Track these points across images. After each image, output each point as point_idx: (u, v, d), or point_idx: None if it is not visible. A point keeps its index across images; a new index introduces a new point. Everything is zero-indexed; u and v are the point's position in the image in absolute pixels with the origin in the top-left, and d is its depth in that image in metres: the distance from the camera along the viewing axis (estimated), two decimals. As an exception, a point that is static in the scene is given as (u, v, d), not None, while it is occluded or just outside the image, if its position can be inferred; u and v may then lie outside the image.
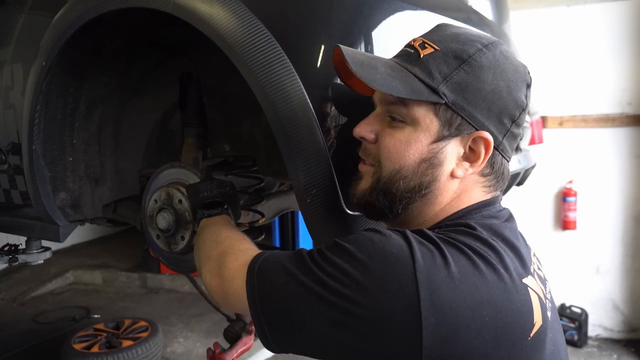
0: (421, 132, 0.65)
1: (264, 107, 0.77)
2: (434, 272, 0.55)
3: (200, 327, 3.42)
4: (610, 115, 3.13)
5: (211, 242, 0.80)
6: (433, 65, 0.65)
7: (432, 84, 0.64)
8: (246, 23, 0.77)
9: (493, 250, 0.60)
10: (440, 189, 0.67)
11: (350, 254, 0.58)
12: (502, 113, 0.66)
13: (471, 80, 0.64)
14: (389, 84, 0.63)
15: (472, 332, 0.54)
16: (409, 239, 0.58)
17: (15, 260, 1.55)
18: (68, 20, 0.97)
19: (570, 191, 3.21)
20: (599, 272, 3.27)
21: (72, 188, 1.22)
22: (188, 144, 1.16)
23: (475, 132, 0.65)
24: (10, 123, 1.19)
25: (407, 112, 0.66)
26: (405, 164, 0.66)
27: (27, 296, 4.02)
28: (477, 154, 0.66)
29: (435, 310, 0.53)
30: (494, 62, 0.65)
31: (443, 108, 0.64)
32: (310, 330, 0.58)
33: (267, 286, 0.63)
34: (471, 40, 0.67)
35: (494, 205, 0.69)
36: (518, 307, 0.58)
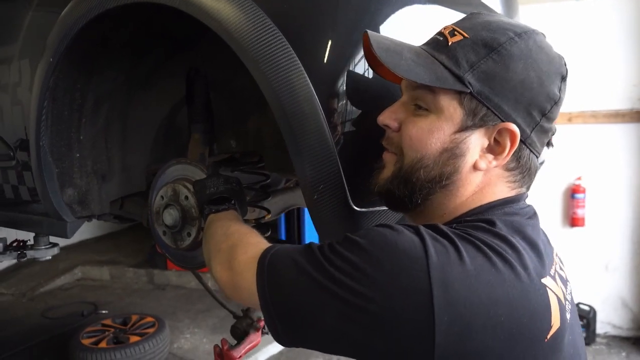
0: (444, 121, 0.64)
1: (271, 102, 0.76)
2: (448, 269, 0.53)
3: (206, 323, 3.44)
4: (621, 111, 3.09)
5: (221, 235, 0.80)
6: (460, 53, 0.63)
7: (458, 72, 0.62)
8: (253, 18, 0.77)
9: (512, 248, 0.58)
10: (462, 181, 0.65)
11: (362, 249, 0.57)
12: (532, 105, 0.63)
13: (499, 69, 0.62)
14: (412, 70, 0.62)
15: (487, 330, 0.53)
16: (422, 234, 0.56)
17: (24, 256, 1.56)
18: (75, 15, 0.97)
19: (579, 188, 3.18)
20: (607, 270, 3.24)
21: (80, 184, 1.22)
22: (195, 139, 1.16)
23: (500, 123, 0.63)
24: (18, 119, 1.19)
25: (433, 99, 0.64)
26: (426, 152, 0.64)
27: (36, 291, 4.07)
28: (502, 147, 0.63)
29: (448, 308, 0.52)
30: (526, 52, 0.63)
31: (468, 97, 0.62)
32: (321, 324, 0.58)
33: (277, 280, 0.62)
34: (503, 29, 0.64)
35: (517, 203, 0.67)
36: (535, 308, 0.56)
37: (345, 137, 0.78)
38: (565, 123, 3.18)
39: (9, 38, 1.18)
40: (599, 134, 3.15)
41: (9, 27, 1.18)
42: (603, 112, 3.12)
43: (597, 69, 3.12)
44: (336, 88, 0.77)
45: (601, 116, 3.12)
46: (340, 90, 0.78)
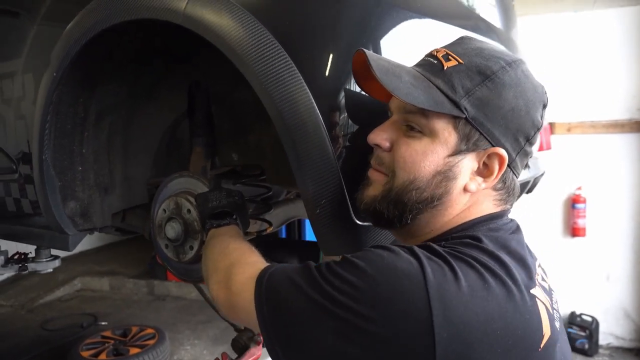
0: (439, 144, 0.65)
1: (273, 116, 0.77)
2: (445, 287, 0.55)
3: (207, 335, 3.42)
4: (620, 121, 3.11)
5: (219, 254, 0.80)
6: (456, 78, 0.65)
7: (454, 97, 0.64)
8: (254, 33, 0.78)
9: (500, 263, 0.60)
10: (451, 202, 0.67)
11: (360, 269, 0.57)
12: (519, 132, 0.66)
13: (493, 97, 0.64)
14: (412, 93, 0.63)
15: (485, 346, 0.54)
16: (417, 255, 0.58)
17: (25, 268, 1.56)
18: (79, 31, 0.98)
19: (579, 198, 3.19)
20: (609, 280, 3.24)
21: (82, 197, 1.22)
22: (196, 153, 1.16)
23: (491, 148, 0.65)
24: (21, 133, 1.20)
25: (427, 123, 0.65)
26: (419, 174, 0.66)
27: (35, 303, 4.04)
28: (491, 170, 0.66)
29: (448, 326, 0.53)
30: (515, 81, 0.66)
31: (463, 122, 0.65)
32: (319, 345, 0.58)
33: (275, 300, 0.62)
34: (495, 57, 0.67)
35: (501, 218, 0.69)
36: (527, 319, 0.58)
37: (347, 151, 0.78)
38: (565, 133, 3.20)
39: (13, 52, 1.19)
40: (598, 144, 3.17)
41: (13, 42, 1.20)
42: (602, 123, 3.14)
43: (595, 79, 3.14)
44: (338, 102, 0.78)
45: (600, 126, 3.14)
46: (342, 104, 0.78)
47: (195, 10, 0.82)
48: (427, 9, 0.93)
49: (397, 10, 0.86)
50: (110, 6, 0.94)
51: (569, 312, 3.28)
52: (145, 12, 0.88)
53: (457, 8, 1.07)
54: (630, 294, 3.22)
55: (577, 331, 3.21)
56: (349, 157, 0.78)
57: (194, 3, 0.82)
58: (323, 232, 0.77)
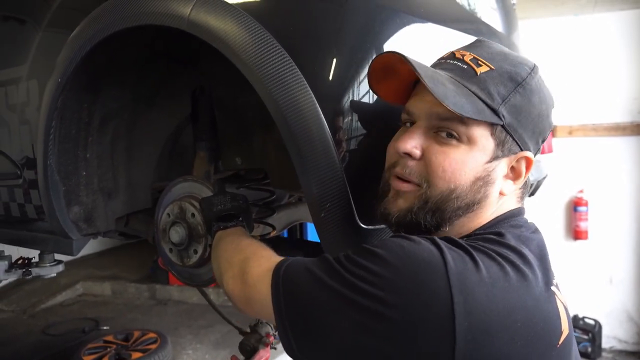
0: (477, 152, 0.65)
1: (277, 121, 0.77)
2: (467, 276, 0.55)
3: (209, 339, 3.41)
4: (621, 124, 3.11)
5: (232, 250, 0.80)
6: (491, 85, 0.65)
7: (492, 104, 0.65)
8: (259, 39, 0.78)
9: (522, 258, 0.60)
10: (489, 205, 0.68)
11: (381, 258, 0.57)
12: (541, 135, 0.70)
13: (524, 103, 0.66)
14: (458, 103, 0.62)
15: (505, 337, 0.54)
16: (438, 244, 0.58)
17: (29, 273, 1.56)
18: (84, 37, 0.99)
19: (581, 201, 3.19)
20: (612, 283, 3.23)
21: (86, 202, 1.23)
22: (200, 157, 1.17)
23: (520, 152, 0.68)
24: (26, 138, 1.20)
25: (466, 130, 0.65)
26: (460, 183, 0.65)
27: (37, 308, 4.04)
28: (519, 172, 0.68)
29: (468, 314, 0.53)
30: (538, 86, 0.69)
31: (499, 129, 0.66)
32: (338, 335, 0.58)
33: (293, 291, 0.62)
34: (520, 62, 0.69)
35: (521, 215, 0.71)
36: (548, 315, 0.59)
37: (352, 155, 0.79)
38: (566, 136, 3.20)
39: (18, 59, 1.20)
40: (600, 146, 3.17)
41: (18, 48, 1.20)
42: (604, 125, 3.14)
43: (597, 82, 3.15)
44: (342, 106, 0.79)
45: (602, 129, 3.14)
46: (346, 108, 0.79)
47: (199, 16, 0.83)
48: (430, 14, 0.93)
49: (400, 15, 0.86)
50: (114, 13, 0.94)
51: (572, 315, 3.27)
52: (149, 18, 0.89)
53: (460, 12, 1.07)
54: (634, 296, 3.21)
55: (579, 334, 3.20)
56: (353, 161, 0.78)
57: (198, 9, 0.83)
58: (328, 235, 0.77)
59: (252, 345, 1.22)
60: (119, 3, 0.94)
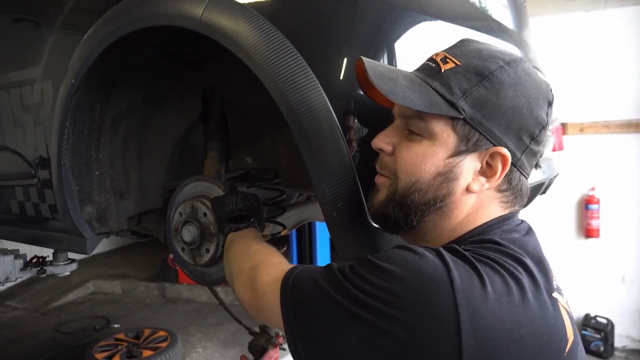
0: (438, 146, 0.66)
1: (289, 120, 0.77)
2: (473, 293, 0.54)
3: (218, 337, 3.43)
4: (633, 120, 3.07)
5: (242, 256, 0.81)
6: (453, 80, 0.65)
7: (451, 98, 0.64)
8: (271, 39, 0.79)
9: (523, 267, 0.60)
10: (456, 203, 0.67)
11: (386, 272, 0.57)
12: (522, 130, 0.65)
13: (491, 96, 0.64)
14: (407, 97, 0.63)
15: (512, 352, 0.54)
16: (444, 257, 0.57)
17: (44, 272, 1.58)
18: (97, 38, 1.00)
19: (593, 198, 3.15)
20: (624, 282, 3.19)
21: (99, 201, 1.24)
22: (211, 157, 1.17)
23: (492, 147, 0.65)
24: (40, 139, 1.22)
25: (425, 125, 0.66)
26: (421, 177, 0.66)
27: (49, 306, 4.10)
28: (494, 170, 0.66)
29: (475, 333, 0.53)
30: (515, 79, 0.65)
31: (461, 123, 0.65)
32: (343, 348, 0.58)
33: (300, 303, 0.63)
34: (493, 57, 0.67)
35: (512, 219, 0.69)
36: (553, 324, 0.58)
37: (362, 154, 0.79)
38: (577, 133, 3.17)
39: (33, 60, 1.21)
40: (611, 144, 3.13)
41: (33, 50, 1.22)
42: (615, 122, 3.10)
43: (608, 79, 3.11)
44: (353, 105, 0.79)
45: (613, 126, 3.11)
46: (358, 107, 0.79)
47: (211, 17, 0.83)
48: (440, 12, 0.93)
49: (410, 14, 0.86)
50: (127, 14, 0.95)
51: (584, 314, 3.24)
52: (162, 19, 0.90)
53: (470, 10, 1.07)
54: (646, 295, 3.18)
55: (592, 333, 3.17)
56: (365, 160, 0.78)
57: (210, 10, 0.84)
58: (340, 235, 0.77)
59: (261, 345, 1.23)
60: (132, 5, 0.95)
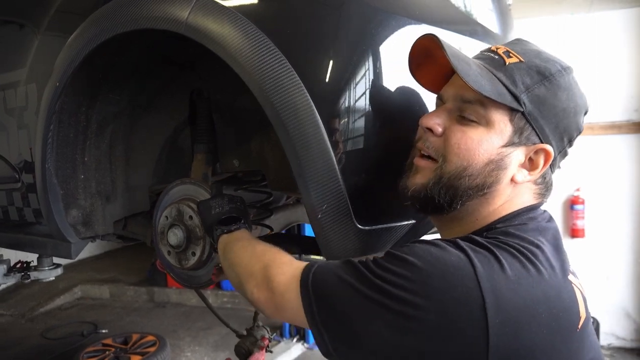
0: (494, 134, 0.68)
1: (274, 123, 0.78)
2: (494, 277, 0.59)
3: (207, 341, 3.41)
4: (617, 122, 3.13)
5: (249, 258, 0.79)
6: (517, 74, 0.68)
7: (515, 91, 0.67)
8: (256, 42, 0.79)
9: (540, 250, 0.64)
10: (499, 191, 0.70)
11: (410, 263, 0.60)
12: (565, 132, 0.71)
13: (549, 96, 0.68)
14: (479, 81, 0.65)
15: (532, 328, 0.59)
16: (463, 248, 0.61)
17: (28, 277, 1.56)
18: (82, 41, 0.99)
19: (578, 199, 3.20)
20: (609, 280, 3.24)
21: (84, 205, 1.23)
22: (198, 159, 1.17)
23: (540, 144, 0.69)
24: (24, 142, 1.21)
25: (485, 112, 0.68)
26: (473, 161, 0.68)
27: (35, 312, 4.04)
28: (536, 164, 0.70)
29: (499, 312, 0.57)
30: (569, 85, 0.71)
31: (519, 116, 0.68)
32: (373, 339, 0.61)
33: (324, 297, 0.64)
34: (552, 60, 0.71)
35: (537, 209, 0.73)
36: (567, 302, 0.63)
37: (348, 157, 0.79)
38: (563, 135, 3.22)
39: (17, 63, 1.20)
40: (596, 145, 3.18)
41: (17, 52, 1.21)
42: (600, 124, 3.15)
43: (593, 81, 3.16)
44: (338, 108, 0.79)
45: (598, 128, 3.16)
46: (343, 110, 0.79)
47: (197, 20, 0.83)
48: (425, 15, 0.94)
49: (395, 17, 0.87)
50: (112, 17, 0.95)
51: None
52: (147, 22, 0.89)
53: (455, 13, 1.08)
54: (630, 294, 3.22)
55: (578, 332, 3.22)
56: (350, 162, 0.79)
57: (195, 13, 0.84)
58: (325, 236, 0.78)
59: (247, 348, 1.23)
60: (117, 7, 0.95)
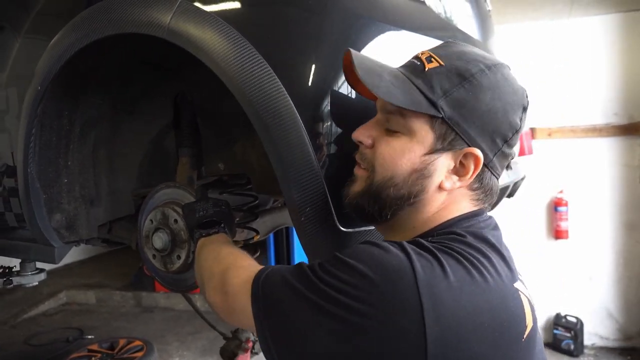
0: (416, 143, 0.68)
1: (257, 127, 0.78)
2: (435, 283, 0.56)
3: (196, 345, 3.39)
4: (597, 125, 3.19)
5: (213, 260, 0.81)
6: (435, 79, 0.67)
7: (432, 97, 0.66)
8: (238, 47, 0.80)
9: (485, 258, 0.62)
10: (428, 199, 0.69)
11: (352, 267, 0.59)
12: (495, 133, 0.68)
13: (469, 98, 0.66)
14: (391, 92, 0.65)
15: (474, 338, 0.56)
16: (407, 250, 0.59)
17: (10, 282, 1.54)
18: (64, 45, 0.99)
19: (561, 201, 3.25)
20: (592, 281, 3.30)
21: (67, 209, 1.22)
22: (182, 163, 1.17)
23: (466, 148, 0.67)
24: (5, 146, 1.20)
25: (405, 122, 0.68)
26: (397, 172, 0.68)
27: (19, 318, 3.97)
28: (467, 169, 0.68)
29: (438, 320, 0.55)
30: (494, 84, 0.68)
31: (439, 122, 0.67)
32: (315, 343, 0.60)
33: (271, 302, 0.64)
34: (475, 60, 0.69)
35: (480, 215, 0.72)
36: (513, 311, 0.61)
37: (330, 160, 0.80)
38: (546, 138, 3.27)
39: (-3, 67, 1.19)
40: (578, 148, 3.24)
41: (-3, 56, 1.20)
42: (581, 127, 3.21)
43: (574, 85, 3.22)
44: (320, 112, 0.80)
45: (579, 131, 3.22)
46: (324, 114, 0.80)
47: (178, 25, 0.84)
48: (405, 22, 0.95)
49: (375, 24, 0.89)
50: (94, 21, 0.95)
51: (555, 313, 3.33)
52: (129, 26, 0.90)
53: (435, 20, 1.10)
54: (613, 294, 3.28)
55: (562, 332, 3.26)
56: (332, 165, 0.80)
57: (177, 17, 0.84)
58: (308, 238, 0.79)
59: (231, 350, 1.23)
60: (99, 11, 0.95)
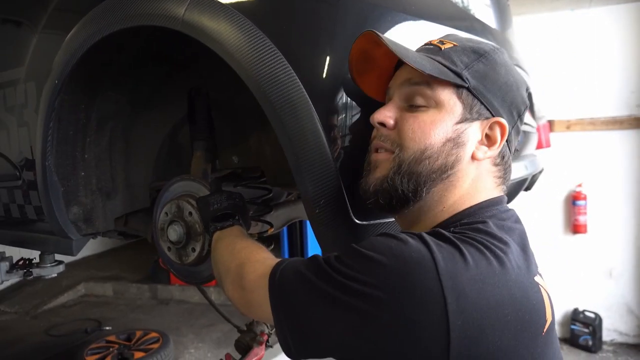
0: (446, 114, 0.68)
1: (271, 120, 0.78)
2: (457, 275, 0.55)
3: (210, 338, 3.43)
4: (618, 117, 3.11)
5: (228, 255, 0.81)
6: (454, 55, 0.70)
7: (455, 69, 0.68)
8: (253, 38, 0.79)
9: (508, 248, 0.61)
10: (462, 171, 0.69)
11: (370, 258, 0.58)
12: (512, 105, 0.71)
13: (489, 70, 0.70)
14: (419, 62, 0.66)
15: (496, 331, 0.55)
16: (427, 241, 0.58)
17: (30, 274, 1.58)
18: (80, 39, 1.00)
19: (580, 194, 3.19)
20: (612, 276, 3.24)
21: (85, 202, 1.24)
22: (197, 156, 1.18)
23: (492, 118, 0.69)
24: (24, 140, 1.21)
25: (432, 93, 0.68)
26: (430, 143, 0.67)
27: (39, 309, 4.06)
28: (494, 139, 0.70)
29: (461, 313, 0.54)
30: (504, 61, 0.73)
31: (465, 92, 0.68)
32: (333, 335, 0.59)
33: (288, 295, 0.64)
34: (484, 42, 0.75)
35: (502, 205, 0.72)
36: (534, 305, 0.60)
37: (345, 152, 0.79)
38: (564, 131, 3.21)
39: (16, 61, 1.21)
40: (597, 141, 3.17)
41: (15, 50, 1.21)
42: (601, 119, 3.14)
43: (594, 76, 3.15)
44: (335, 104, 0.79)
45: (599, 123, 3.15)
46: (339, 106, 0.80)
47: (193, 17, 0.83)
48: (422, 11, 0.94)
49: (392, 13, 0.87)
50: (109, 14, 0.95)
51: (572, 308, 3.28)
52: (144, 19, 0.90)
53: (452, 9, 1.08)
54: (633, 289, 3.22)
55: (580, 328, 3.21)
56: (347, 158, 0.79)
57: (192, 9, 0.84)
58: (322, 232, 0.78)
59: (246, 343, 1.23)
60: (114, 5, 0.95)
